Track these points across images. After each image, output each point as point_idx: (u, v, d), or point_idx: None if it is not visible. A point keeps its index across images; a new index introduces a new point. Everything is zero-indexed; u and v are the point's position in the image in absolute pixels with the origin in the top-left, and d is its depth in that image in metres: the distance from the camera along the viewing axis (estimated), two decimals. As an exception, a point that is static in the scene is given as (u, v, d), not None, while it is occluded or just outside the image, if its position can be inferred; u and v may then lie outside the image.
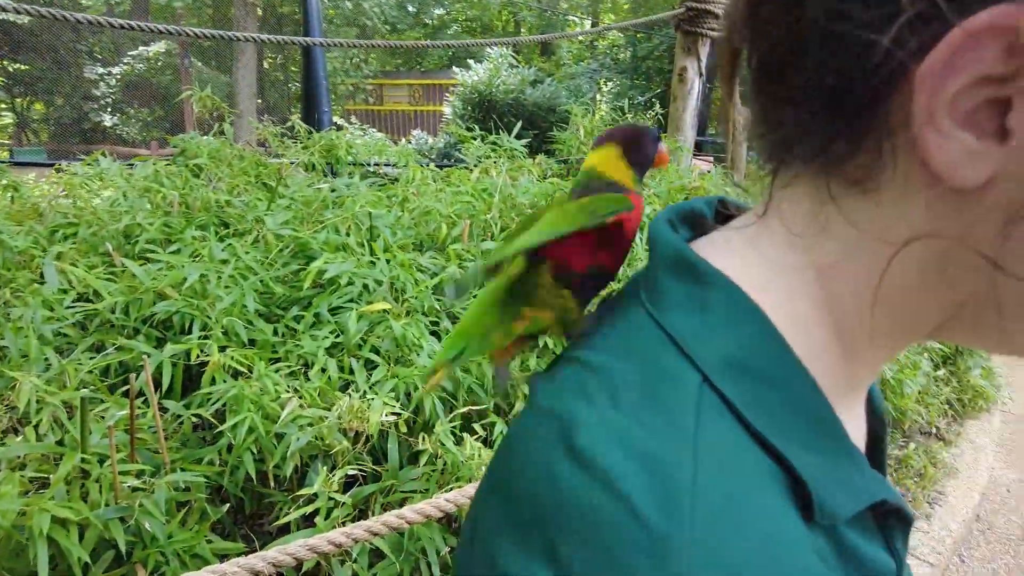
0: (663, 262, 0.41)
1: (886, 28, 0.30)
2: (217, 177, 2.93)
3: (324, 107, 8.50)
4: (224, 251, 2.25)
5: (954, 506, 3.58)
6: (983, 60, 0.29)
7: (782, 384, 0.35)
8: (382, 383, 1.83)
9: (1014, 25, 0.27)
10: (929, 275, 0.35)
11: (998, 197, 0.31)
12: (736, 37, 0.40)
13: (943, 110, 0.30)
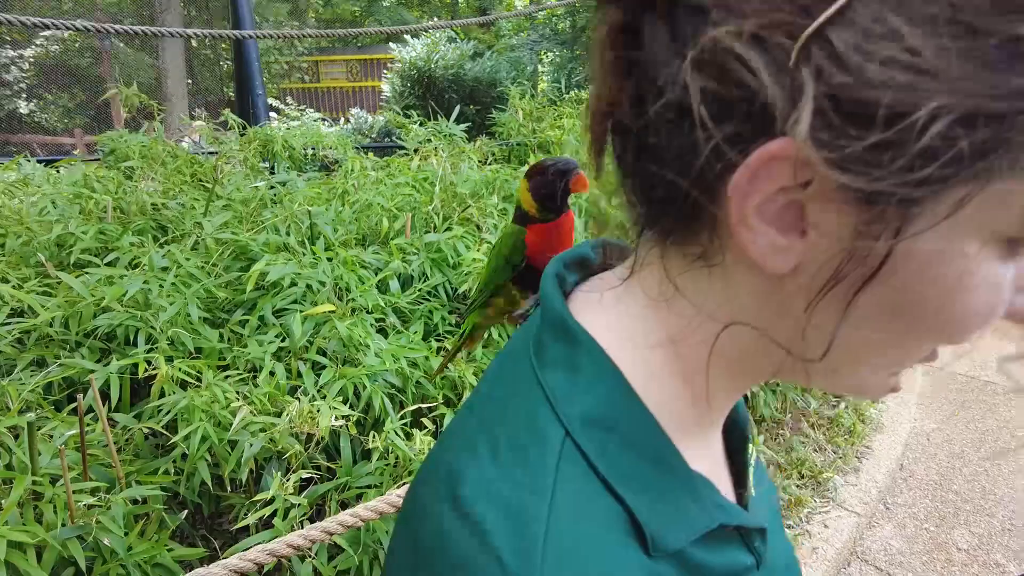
0: (546, 321, 0.49)
1: (702, 149, 0.38)
2: (151, 178, 2.88)
3: (258, 89, 8.25)
4: (164, 258, 2.24)
5: (880, 458, 3.87)
6: (777, 177, 0.37)
7: (631, 436, 0.44)
8: (330, 384, 1.88)
9: (791, 154, 0.35)
10: (748, 350, 0.45)
11: (804, 282, 0.40)
12: (600, 117, 0.46)
13: (752, 213, 0.38)
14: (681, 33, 0.39)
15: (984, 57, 0.33)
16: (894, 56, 0.33)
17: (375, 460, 1.84)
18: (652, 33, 0.41)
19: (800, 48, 0.34)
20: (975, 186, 0.35)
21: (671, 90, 0.39)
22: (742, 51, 0.35)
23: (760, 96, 0.35)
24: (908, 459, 4.21)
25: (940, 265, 0.38)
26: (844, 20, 0.34)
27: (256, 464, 1.88)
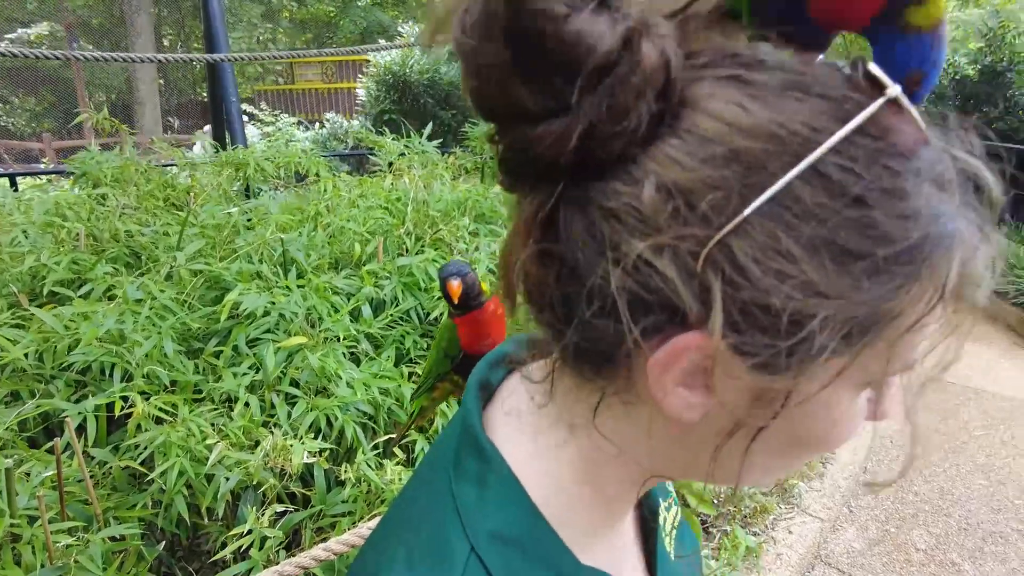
0: (463, 434, 0.57)
1: (624, 337, 0.45)
2: (123, 203, 2.90)
3: (231, 96, 8.20)
4: (139, 290, 2.27)
5: (843, 463, 4.01)
6: (691, 360, 0.45)
7: (533, 551, 0.51)
8: (303, 417, 1.94)
9: (703, 344, 0.44)
10: (656, 468, 0.55)
11: (710, 427, 0.48)
12: (513, 273, 0.52)
13: (668, 381, 0.46)
14: (599, 233, 0.46)
15: (855, 273, 0.42)
16: (785, 271, 0.42)
17: (348, 489, 1.90)
18: (569, 227, 0.47)
19: (706, 257, 0.42)
20: (850, 360, 0.45)
21: (594, 285, 0.46)
22: (658, 263, 0.43)
23: (674, 298, 0.43)
24: (871, 462, 4.36)
25: (822, 411, 0.47)
26: (743, 234, 0.42)
27: (233, 494, 1.93)
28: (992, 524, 3.83)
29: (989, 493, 4.13)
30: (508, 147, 0.48)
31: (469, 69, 0.45)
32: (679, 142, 0.44)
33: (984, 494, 4.12)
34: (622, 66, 0.43)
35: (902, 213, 0.43)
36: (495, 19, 0.43)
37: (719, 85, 0.46)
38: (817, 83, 0.46)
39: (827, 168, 0.42)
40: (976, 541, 3.69)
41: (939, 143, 0.48)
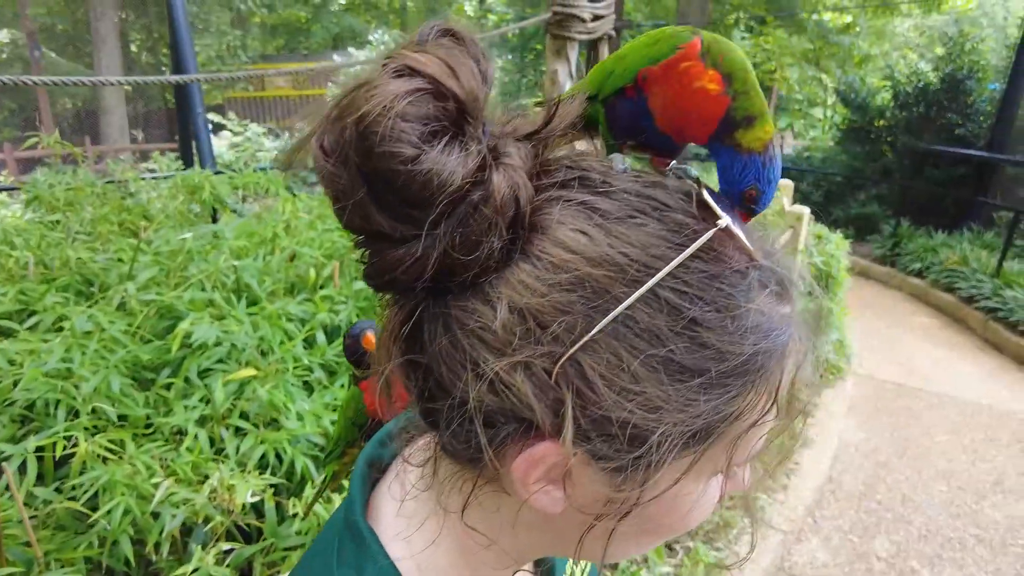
0: (345, 519, 0.59)
1: (486, 445, 0.49)
2: (76, 229, 2.85)
3: (198, 107, 8.10)
4: (88, 321, 2.23)
5: (807, 473, 4.06)
6: (548, 464, 0.49)
7: None
8: (252, 451, 1.92)
9: (558, 451, 0.47)
10: (529, 550, 0.59)
11: (573, 519, 0.52)
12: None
13: (530, 480, 0.50)
14: (460, 349, 0.49)
15: (692, 389, 0.47)
16: (628, 388, 0.46)
17: (298, 522, 1.88)
18: (434, 340, 0.51)
19: (558, 373, 0.46)
20: (697, 456, 0.50)
21: (457, 397, 0.49)
22: (514, 379, 0.47)
23: (529, 413, 0.47)
24: (836, 471, 4.42)
25: (674, 503, 0.52)
26: (591, 352, 0.46)
27: (183, 528, 1.90)
28: (951, 530, 3.91)
29: (949, 499, 4.21)
30: (370, 263, 0.50)
31: (328, 190, 0.47)
32: (530, 267, 0.48)
33: (944, 500, 4.21)
34: (474, 199, 0.46)
35: (735, 331, 0.47)
36: (349, 151, 0.44)
37: (568, 211, 0.49)
38: (658, 210, 0.50)
39: (664, 292, 0.46)
40: (935, 548, 3.76)
41: (770, 258, 0.52)
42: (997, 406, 5.50)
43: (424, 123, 0.44)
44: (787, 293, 0.52)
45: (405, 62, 0.45)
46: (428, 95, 0.44)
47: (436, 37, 0.50)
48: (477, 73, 0.48)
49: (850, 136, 12.02)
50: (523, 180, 0.48)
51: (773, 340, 0.49)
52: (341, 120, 0.44)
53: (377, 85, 0.43)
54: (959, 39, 10.20)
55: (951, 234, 9.22)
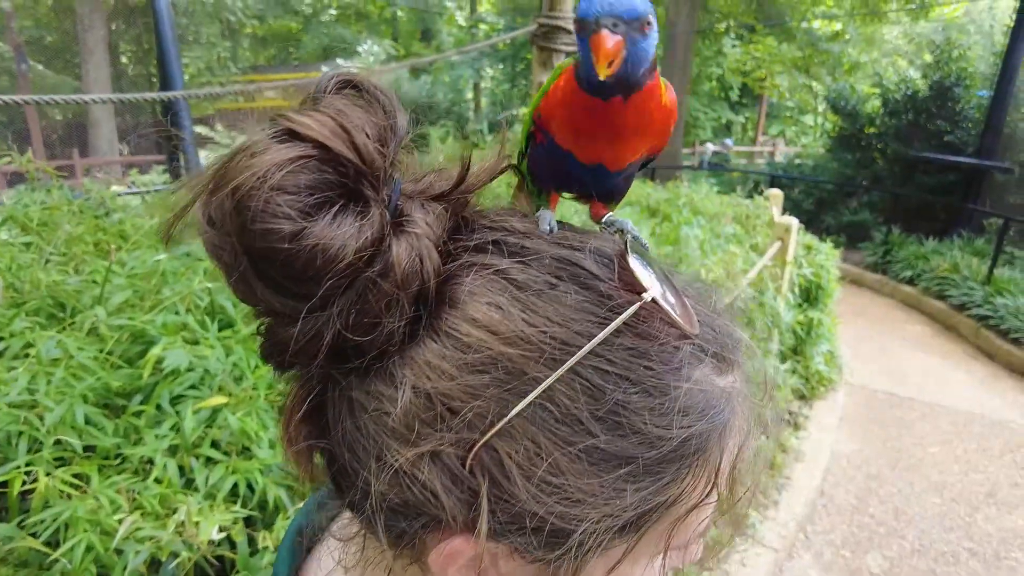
0: None
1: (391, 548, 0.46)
2: (50, 250, 2.79)
3: (185, 122, 8.04)
4: (57, 347, 2.17)
5: (799, 488, 4.01)
6: (465, 558, 0.45)
7: None
8: (222, 481, 1.86)
9: (473, 544, 0.43)
10: None
11: None
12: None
13: (451, 572, 0.45)
14: (365, 436, 0.45)
15: (619, 478, 0.42)
16: (549, 479, 0.42)
17: (269, 555, 1.82)
18: (337, 424, 0.47)
19: (471, 461, 0.42)
20: (630, 546, 0.45)
21: (364, 487, 0.45)
22: (423, 471, 0.43)
23: (439, 509, 0.43)
24: (828, 484, 4.38)
25: None
26: (507, 438, 0.42)
27: (152, 563, 1.84)
28: (944, 544, 3.86)
29: (942, 512, 4.17)
30: (264, 339, 0.45)
31: (214, 261, 0.43)
32: (438, 347, 0.43)
33: (937, 513, 4.17)
34: (371, 273, 0.41)
35: (666, 412, 0.43)
36: (228, 225, 0.39)
37: (481, 281, 0.45)
38: (579, 278, 0.46)
39: (586, 372, 0.42)
40: (928, 563, 3.72)
41: (709, 324, 0.47)
42: (989, 415, 5.47)
43: (308, 193, 0.39)
44: (728, 361, 0.48)
45: (288, 125, 0.41)
46: (313, 161, 0.40)
47: (335, 90, 0.46)
48: (382, 129, 0.44)
49: (841, 143, 12.07)
50: (428, 250, 0.44)
51: (711, 419, 0.44)
52: (218, 192, 0.39)
53: (254, 153, 0.39)
54: (946, 47, 10.26)
55: (942, 241, 9.25)
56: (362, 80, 0.46)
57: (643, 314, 0.44)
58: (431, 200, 0.47)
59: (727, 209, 5.31)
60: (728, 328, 0.50)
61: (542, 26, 5.20)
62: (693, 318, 0.46)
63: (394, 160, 0.46)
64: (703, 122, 19.42)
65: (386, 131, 0.44)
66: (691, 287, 0.53)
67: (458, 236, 0.48)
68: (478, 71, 17.44)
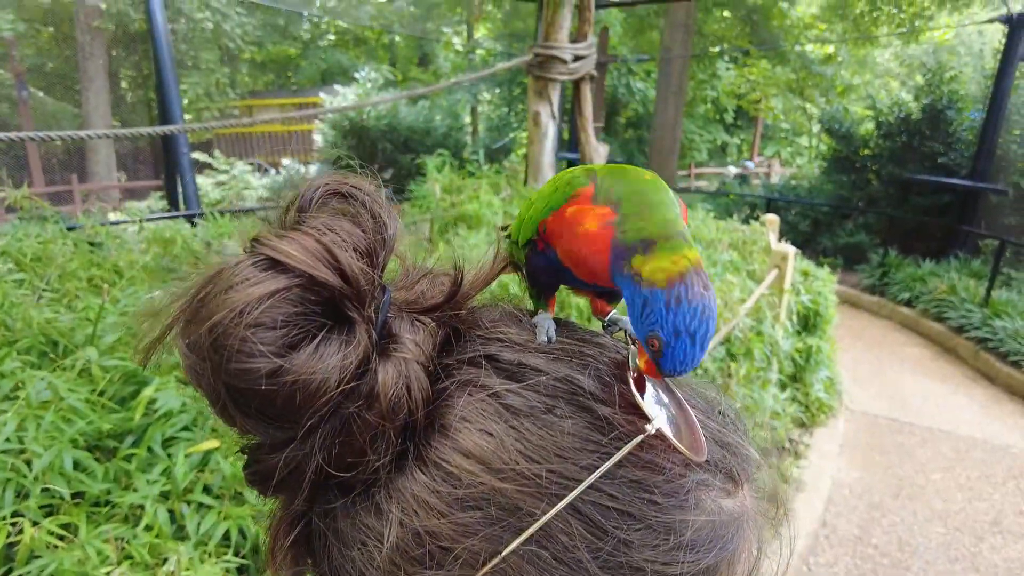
0: None
1: None
2: (43, 286, 2.77)
3: (183, 148, 8.07)
4: (46, 389, 2.14)
5: (801, 519, 3.95)
6: None
7: None
8: (214, 528, 1.82)
9: None
10: None
11: None
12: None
13: None
14: (351, 568, 0.43)
15: None
16: None
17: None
18: (325, 554, 0.45)
19: None
20: None
21: None
22: None
23: None
24: (830, 514, 4.32)
25: None
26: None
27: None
28: (949, 575, 3.81)
29: (947, 542, 4.11)
30: (247, 462, 0.43)
31: (195, 387, 0.41)
32: (427, 480, 0.41)
33: (942, 543, 4.11)
34: (356, 402, 0.40)
35: (672, 548, 0.40)
36: (206, 358, 0.38)
37: (473, 405, 0.43)
38: (577, 401, 0.43)
39: (586, 508, 0.39)
40: (934, 597, 3.66)
41: (719, 444, 0.45)
42: (991, 440, 5.43)
43: (289, 327, 0.38)
44: (736, 480, 0.45)
45: (269, 253, 0.39)
46: (296, 291, 0.39)
47: (321, 200, 0.44)
48: (371, 242, 0.43)
49: (836, 165, 12.14)
50: (416, 375, 0.41)
51: (719, 552, 0.41)
52: (196, 323, 0.38)
53: (231, 285, 0.38)
54: (937, 70, 10.37)
55: (939, 262, 9.26)
56: (350, 189, 0.44)
57: (648, 443, 0.41)
58: (422, 313, 0.45)
59: (723, 235, 5.32)
60: (737, 443, 0.47)
61: (537, 56, 5.26)
62: (701, 439, 0.43)
63: (383, 271, 0.44)
64: (698, 144, 19.56)
65: (375, 244, 0.43)
66: (698, 397, 0.50)
67: (450, 348, 0.46)
68: (475, 95, 17.58)
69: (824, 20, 17.42)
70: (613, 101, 17.30)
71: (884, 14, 14.14)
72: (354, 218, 0.43)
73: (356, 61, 18.82)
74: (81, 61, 13.28)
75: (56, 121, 14.32)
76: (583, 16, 5.30)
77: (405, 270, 0.48)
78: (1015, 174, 9.35)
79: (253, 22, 15.85)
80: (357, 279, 0.40)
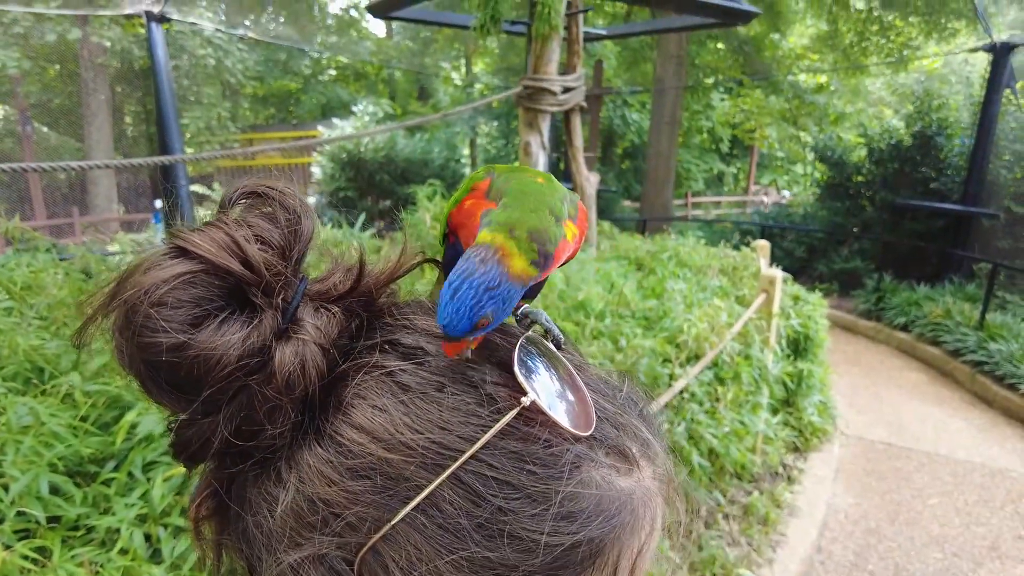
0: None
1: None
2: (32, 315, 2.79)
3: (181, 180, 8.19)
4: (28, 414, 2.15)
5: (795, 546, 3.91)
6: None
7: None
8: (188, 552, 1.82)
9: None
10: None
11: None
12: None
13: None
14: (257, 536, 0.46)
15: None
16: None
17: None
18: (236, 525, 0.48)
19: (359, 564, 0.42)
20: None
21: None
22: (309, 574, 0.43)
23: None
24: (825, 540, 4.27)
25: None
26: (392, 543, 0.42)
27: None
28: (947, 603, 3.75)
29: (944, 568, 4.06)
30: (172, 436, 0.47)
31: (121, 366, 0.45)
32: (323, 452, 0.44)
33: (939, 569, 4.05)
34: (256, 377, 0.43)
35: (552, 518, 0.42)
36: (122, 336, 0.43)
37: (370, 383, 0.46)
38: (464, 380, 0.46)
39: (467, 478, 0.42)
40: (931, 623, 3.60)
41: (611, 421, 0.47)
42: (989, 464, 5.38)
43: (192, 306, 0.42)
44: (629, 462, 0.47)
45: (179, 243, 0.44)
46: (200, 275, 0.43)
47: (240, 199, 0.49)
48: (285, 235, 0.47)
49: (830, 192, 12.24)
50: (313, 354, 0.45)
51: (603, 524, 0.43)
52: (114, 304, 0.43)
53: (145, 270, 0.42)
54: (926, 97, 10.52)
55: (934, 287, 9.28)
56: (266, 189, 0.48)
57: (528, 417, 0.44)
58: (330, 302, 0.48)
59: (713, 261, 5.35)
60: (634, 425, 0.49)
61: (527, 88, 5.36)
62: (591, 417, 0.46)
63: (298, 263, 0.48)
64: (695, 173, 19.75)
65: (288, 237, 0.47)
66: (600, 382, 0.53)
67: (359, 334, 0.49)
68: (473, 128, 17.83)
69: (815, 51, 17.73)
70: (609, 132, 17.54)
71: (873, 44, 14.40)
72: (269, 215, 0.47)
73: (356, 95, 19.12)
74: (84, 97, 13.53)
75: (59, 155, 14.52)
76: (571, 49, 5.42)
77: (331, 264, 0.52)
78: (1006, 198, 9.42)
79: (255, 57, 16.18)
80: (260, 268, 0.44)
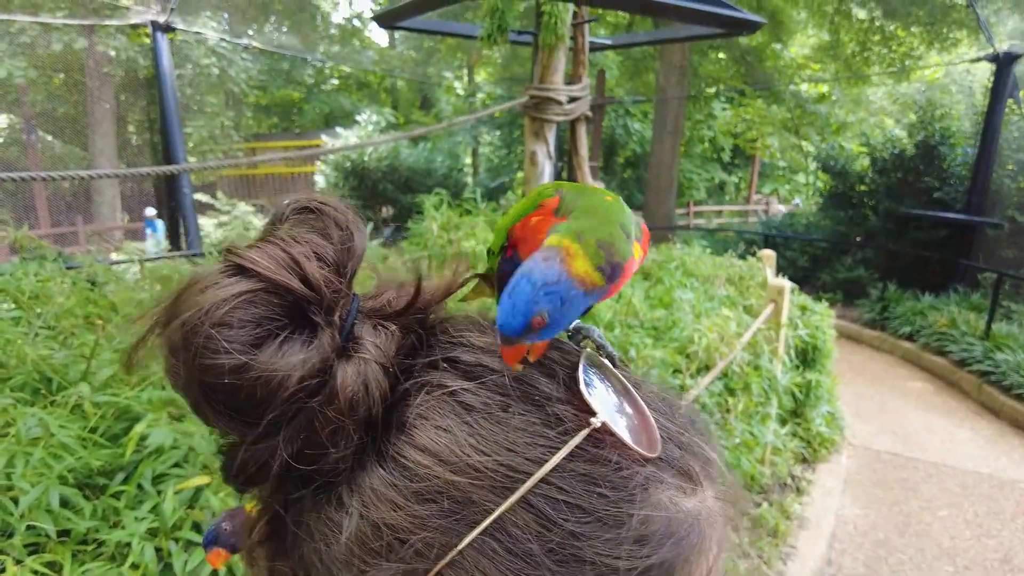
0: None
1: None
2: (39, 324, 2.78)
3: (184, 188, 8.21)
4: (37, 425, 2.13)
5: (805, 558, 3.87)
6: None
7: None
8: (201, 567, 1.80)
9: None
10: None
11: None
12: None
13: None
14: (319, 561, 0.44)
15: None
16: None
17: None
18: (294, 549, 0.46)
19: None
20: None
21: None
22: None
23: None
24: (835, 552, 4.23)
25: None
26: (458, 568, 0.40)
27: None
28: (959, 617, 3.71)
29: (955, 581, 4.03)
30: (224, 460, 0.45)
31: (174, 387, 0.43)
32: (386, 475, 0.43)
33: (950, 582, 4.02)
34: (318, 398, 0.42)
35: (622, 542, 0.41)
36: (179, 357, 0.41)
37: (431, 403, 0.45)
38: (531, 398, 0.45)
39: (536, 501, 0.41)
40: (944, 638, 3.56)
41: (674, 441, 0.46)
42: (997, 475, 5.35)
43: (252, 327, 0.41)
44: (694, 482, 0.46)
45: (237, 261, 0.42)
46: (260, 294, 0.42)
47: (293, 214, 0.48)
48: (339, 252, 0.46)
49: (833, 201, 12.24)
50: (375, 374, 0.44)
51: (673, 547, 0.42)
52: (170, 324, 0.41)
53: (202, 289, 0.41)
54: (928, 107, 10.54)
55: (938, 296, 9.26)
56: (320, 204, 0.47)
57: (596, 438, 0.42)
58: (386, 319, 0.47)
59: (720, 271, 5.34)
60: (696, 444, 0.48)
61: (533, 97, 5.36)
62: (655, 437, 0.45)
63: (352, 280, 0.47)
64: (697, 183, 19.76)
65: (342, 254, 0.46)
66: (658, 400, 0.52)
67: (415, 352, 0.48)
68: (476, 138, 17.87)
69: (816, 60, 17.77)
70: (611, 141, 17.56)
71: (875, 54, 14.43)
72: (322, 231, 0.46)
73: (359, 104, 19.19)
74: (89, 106, 13.57)
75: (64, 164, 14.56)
76: (577, 59, 5.43)
77: (379, 281, 0.50)
78: (1010, 208, 9.42)
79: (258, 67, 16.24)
80: (320, 286, 0.43)
